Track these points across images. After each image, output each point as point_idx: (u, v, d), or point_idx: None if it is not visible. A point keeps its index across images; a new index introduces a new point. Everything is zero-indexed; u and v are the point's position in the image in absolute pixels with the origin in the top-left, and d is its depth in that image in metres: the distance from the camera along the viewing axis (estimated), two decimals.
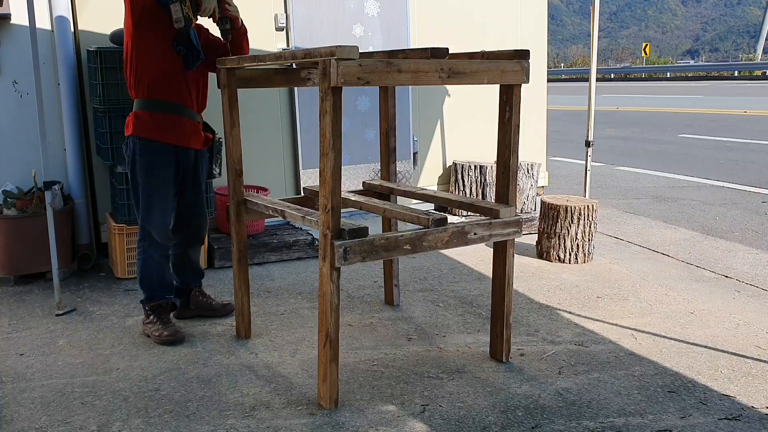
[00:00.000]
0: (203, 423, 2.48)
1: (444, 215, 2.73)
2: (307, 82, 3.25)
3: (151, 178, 3.14)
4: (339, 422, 2.48)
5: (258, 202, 3.08)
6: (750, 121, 14.37)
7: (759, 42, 54.82)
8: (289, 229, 4.86)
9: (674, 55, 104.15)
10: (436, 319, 3.50)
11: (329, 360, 2.53)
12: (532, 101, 5.67)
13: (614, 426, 2.45)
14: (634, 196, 7.05)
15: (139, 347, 3.17)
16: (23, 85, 4.26)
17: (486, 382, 2.79)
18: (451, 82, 2.56)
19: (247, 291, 3.23)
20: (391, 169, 3.51)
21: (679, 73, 37.12)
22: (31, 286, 4.06)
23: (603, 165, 9.18)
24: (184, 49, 3.09)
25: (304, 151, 5.01)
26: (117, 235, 4.08)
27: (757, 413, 2.54)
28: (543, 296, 3.85)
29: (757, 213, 6.16)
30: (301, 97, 4.95)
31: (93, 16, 4.34)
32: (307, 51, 2.42)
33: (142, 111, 3.12)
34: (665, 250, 4.82)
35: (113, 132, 4.00)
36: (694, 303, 3.74)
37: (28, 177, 4.22)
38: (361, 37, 5.10)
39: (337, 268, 2.46)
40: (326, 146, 2.38)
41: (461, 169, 5.37)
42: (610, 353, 3.07)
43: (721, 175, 8.21)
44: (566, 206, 4.43)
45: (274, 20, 4.84)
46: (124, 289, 3.99)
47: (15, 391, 2.74)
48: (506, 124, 2.81)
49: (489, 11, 5.57)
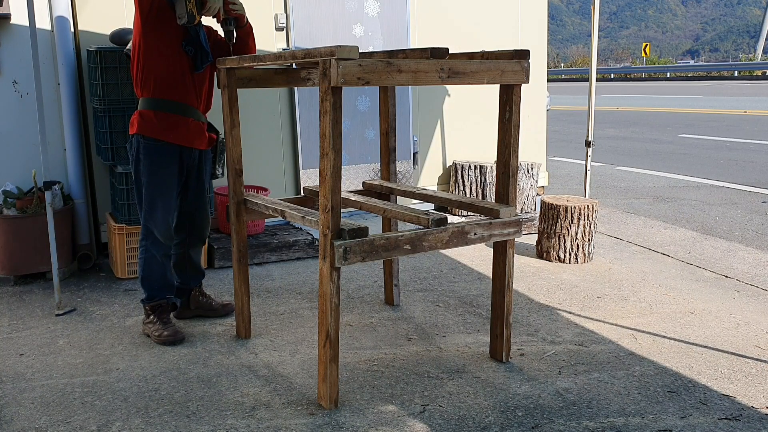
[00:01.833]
0: (203, 423, 2.48)
1: (444, 215, 2.73)
2: (307, 82, 3.26)
3: (154, 178, 3.13)
4: (339, 422, 2.48)
5: (258, 202, 3.08)
6: (750, 121, 14.37)
7: (759, 42, 54.78)
8: (289, 229, 4.86)
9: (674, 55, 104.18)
10: (436, 319, 3.50)
11: (329, 360, 2.53)
12: (532, 101, 5.67)
13: (614, 426, 2.45)
14: (634, 196, 7.05)
15: (139, 347, 3.17)
16: (23, 85, 4.26)
17: (486, 382, 2.79)
18: (451, 82, 2.56)
19: (247, 291, 3.23)
20: (391, 169, 3.51)
21: (679, 73, 37.12)
22: (31, 286, 4.06)
23: (603, 165, 9.19)
24: (193, 49, 3.09)
25: (304, 151, 5.01)
26: (117, 235, 4.08)
27: (757, 413, 2.54)
28: (543, 296, 3.85)
29: (757, 213, 6.16)
30: (301, 97, 4.95)
31: (93, 16, 4.34)
32: (307, 51, 2.42)
33: (147, 110, 3.11)
34: (665, 250, 4.82)
35: (113, 132, 4.01)
36: (694, 303, 3.74)
37: (28, 177, 4.22)
38: (361, 37, 5.10)
39: (337, 268, 2.46)
40: (326, 146, 2.38)
41: (461, 169, 5.37)
42: (610, 353, 3.07)
43: (721, 175, 8.21)
44: (566, 206, 4.43)
45: (274, 20, 4.84)
46: (124, 289, 3.99)
47: (15, 391, 2.74)
48: (506, 124, 2.81)
49: (489, 11, 5.57)
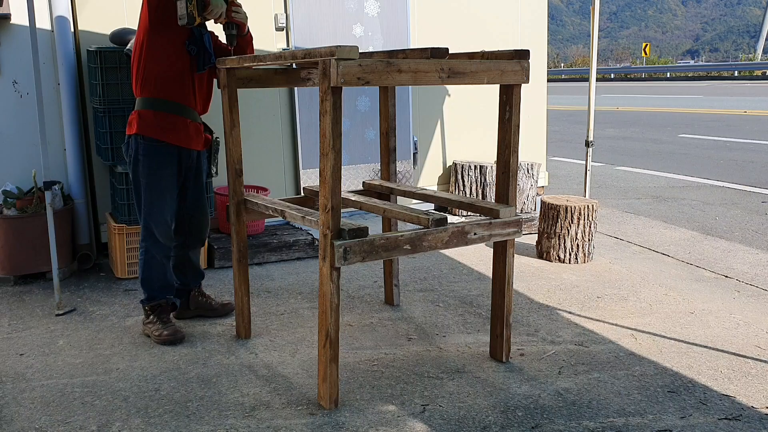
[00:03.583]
0: (203, 423, 2.48)
1: (444, 215, 2.73)
2: (307, 82, 3.26)
3: (153, 178, 3.12)
4: (339, 422, 2.48)
5: (258, 202, 3.08)
6: (750, 121, 14.36)
7: (759, 42, 54.85)
8: (289, 229, 4.86)
9: (674, 55, 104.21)
10: (436, 319, 3.50)
11: (329, 360, 2.53)
12: (532, 101, 5.68)
13: (614, 426, 2.45)
14: (634, 196, 7.05)
15: (139, 347, 3.17)
16: (23, 85, 4.26)
17: (486, 382, 2.79)
18: (451, 82, 2.56)
19: (247, 291, 3.23)
20: (391, 169, 3.51)
21: (679, 73, 37.12)
22: (31, 286, 4.06)
23: (603, 165, 9.19)
24: (196, 48, 3.09)
25: (304, 151, 5.01)
26: (117, 235, 4.08)
27: (757, 413, 2.54)
28: (543, 296, 3.85)
29: (757, 213, 6.16)
30: (301, 97, 4.95)
31: (93, 16, 4.34)
32: (307, 51, 2.42)
33: (146, 110, 3.10)
34: (665, 250, 4.82)
35: (113, 132, 4.01)
36: (694, 303, 3.74)
37: (28, 177, 4.22)
38: (361, 37, 5.10)
39: (337, 268, 2.46)
40: (326, 146, 2.38)
41: (461, 169, 5.37)
42: (610, 353, 3.07)
43: (721, 175, 8.21)
44: (566, 206, 4.43)
45: (274, 20, 4.84)
46: (124, 289, 3.99)
47: (15, 391, 2.74)
48: (506, 124, 2.81)
49: (489, 11, 5.57)
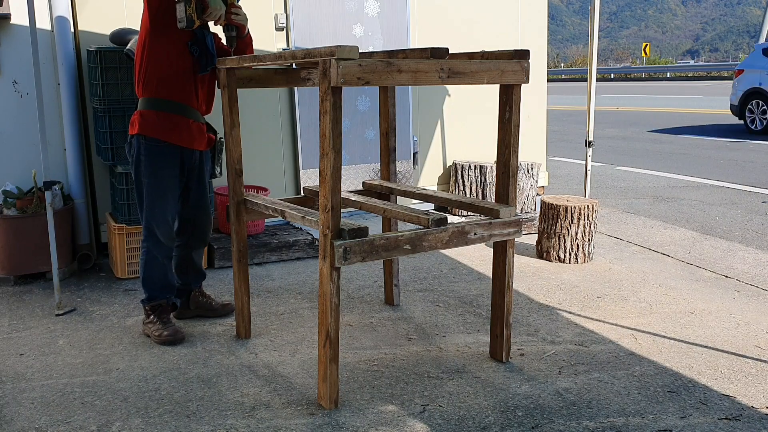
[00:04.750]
0: (203, 423, 2.48)
1: (444, 215, 2.73)
2: (307, 82, 3.26)
3: (156, 179, 3.12)
4: (339, 422, 2.48)
5: (258, 202, 3.08)
6: None
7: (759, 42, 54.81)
8: (289, 229, 4.86)
9: (674, 55, 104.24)
10: (436, 319, 3.50)
11: (329, 360, 2.53)
12: (532, 101, 5.68)
13: (614, 426, 2.45)
14: (634, 196, 7.05)
15: (139, 347, 3.17)
16: (23, 85, 4.26)
17: (486, 382, 2.79)
18: (450, 82, 2.56)
19: (247, 291, 3.23)
20: (391, 169, 3.51)
21: (679, 73, 37.09)
22: (31, 286, 4.06)
23: (603, 165, 9.19)
24: (199, 49, 3.09)
25: (304, 151, 5.01)
26: (117, 235, 4.08)
27: (757, 413, 2.54)
28: (543, 296, 3.85)
29: (757, 213, 6.16)
30: (301, 97, 4.95)
31: (93, 16, 4.34)
32: (307, 51, 2.42)
33: (148, 110, 3.10)
34: (665, 250, 4.82)
35: (113, 132, 4.01)
36: (694, 303, 3.74)
37: (28, 177, 4.22)
38: (361, 37, 5.10)
39: (337, 268, 2.46)
40: (326, 146, 2.38)
41: (461, 169, 5.37)
42: (610, 353, 3.07)
43: (721, 175, 8.21)
44: (566, 206, 4.43)
45: (274, 20, 4.85)
46: (124, 289, 3.99)
47: (15, 391, 2.74)
48: (506, 124, 2.81)
49: (489, 11, 5.57)
